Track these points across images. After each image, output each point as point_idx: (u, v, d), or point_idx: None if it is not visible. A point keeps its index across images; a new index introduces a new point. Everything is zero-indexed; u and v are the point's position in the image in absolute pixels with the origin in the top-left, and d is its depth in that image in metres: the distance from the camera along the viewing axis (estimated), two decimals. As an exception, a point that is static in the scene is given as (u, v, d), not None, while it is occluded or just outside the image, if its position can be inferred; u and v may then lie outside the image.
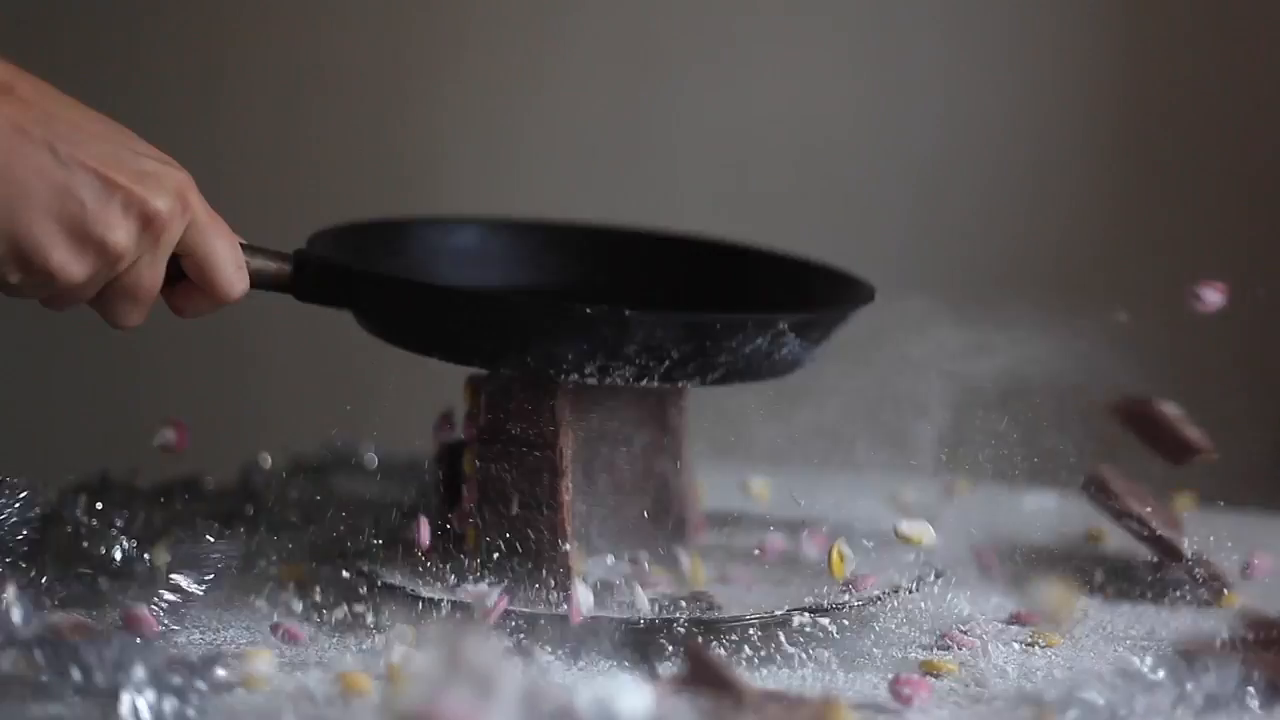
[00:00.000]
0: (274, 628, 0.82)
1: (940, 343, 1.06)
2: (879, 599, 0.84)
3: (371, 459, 1.11)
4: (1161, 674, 0.68)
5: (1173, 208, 1.94)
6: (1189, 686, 0.68)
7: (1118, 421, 0.99)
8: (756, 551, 0.94)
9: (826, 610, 0.83)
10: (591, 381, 0.83)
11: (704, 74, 2.00)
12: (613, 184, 2.02)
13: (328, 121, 2.04)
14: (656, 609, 0.83)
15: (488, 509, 0.88)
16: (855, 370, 1.12)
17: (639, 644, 0.81)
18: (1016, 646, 0.83)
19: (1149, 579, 0.94)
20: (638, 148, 2.02)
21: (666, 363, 0.82)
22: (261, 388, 2.07)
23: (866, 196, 1.99)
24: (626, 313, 0.81)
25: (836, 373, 1.11)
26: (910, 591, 0.85)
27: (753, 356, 0.85)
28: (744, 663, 0.79)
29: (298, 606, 0.87)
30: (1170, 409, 0.98)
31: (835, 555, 0.82)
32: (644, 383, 0.83)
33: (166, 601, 0.80)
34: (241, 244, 0.86)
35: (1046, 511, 1.18)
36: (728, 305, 0.98)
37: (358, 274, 0.89)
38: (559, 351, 0.82)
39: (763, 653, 0.81)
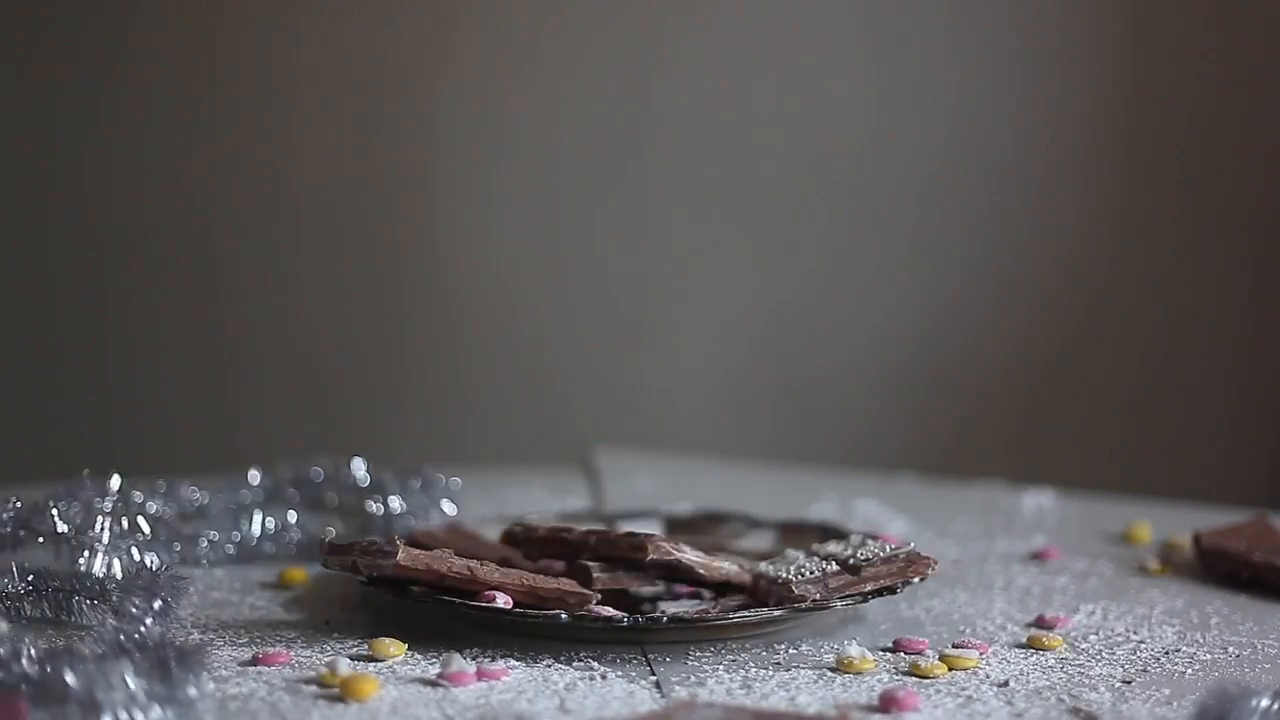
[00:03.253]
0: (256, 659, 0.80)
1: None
2: (873, 597, 0.84)
3: (364, 476, 1.11)
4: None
5: (1176, 209, 1.94)
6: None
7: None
8: None
9: (822, 610, 0.83)
10: None
11: (704, 74, 1.99)
12: (612, 183, 2.02)
13: (322, 121, 2.04)
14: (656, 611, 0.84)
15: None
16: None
17: (635, 645, 0.81)
18: (1013, 648, 0.83)
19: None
20: (637, 147, 2.01)
21: None
22: (253, 399, 2.07)
23: (869, 196, 1.99)
24: None
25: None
26: (901, 590, 0.85)
27: None
28: (738, 665, 0.79)
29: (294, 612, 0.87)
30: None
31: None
32: None
33: (159, 604, 0.79)
34: None
35: (1047, 510, 1.18)
36: None
37: None
38: None
39: (758, 655, 0.81)
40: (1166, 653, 0.82)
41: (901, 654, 0.81)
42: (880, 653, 0.81)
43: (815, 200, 1.99)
